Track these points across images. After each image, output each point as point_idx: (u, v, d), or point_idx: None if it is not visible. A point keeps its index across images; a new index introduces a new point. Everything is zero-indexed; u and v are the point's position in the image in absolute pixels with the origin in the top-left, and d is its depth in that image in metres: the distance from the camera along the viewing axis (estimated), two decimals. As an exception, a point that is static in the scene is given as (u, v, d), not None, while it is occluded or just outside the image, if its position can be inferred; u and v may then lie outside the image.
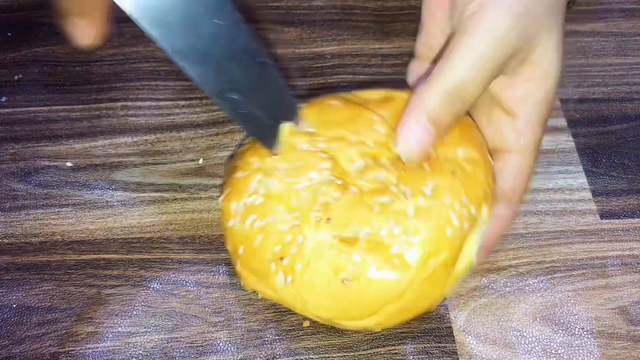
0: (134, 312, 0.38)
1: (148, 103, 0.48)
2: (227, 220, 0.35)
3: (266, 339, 0.37)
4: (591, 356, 0.37)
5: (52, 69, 0.50)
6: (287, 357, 0.36)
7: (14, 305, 0.38)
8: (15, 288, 0.39)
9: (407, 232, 0.32)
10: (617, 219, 0.42)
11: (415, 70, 0.40)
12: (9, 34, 0.52)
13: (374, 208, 0.33)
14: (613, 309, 0.38)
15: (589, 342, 0.37)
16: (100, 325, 0.37)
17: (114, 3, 0.27)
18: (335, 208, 0.33)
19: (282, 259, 0.33)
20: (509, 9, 0.32)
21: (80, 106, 0.48)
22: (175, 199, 0.43)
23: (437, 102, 0.32)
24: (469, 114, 0.37)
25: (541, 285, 0.39)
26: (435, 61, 0.38)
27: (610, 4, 0.54)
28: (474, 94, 0.32)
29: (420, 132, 0.32)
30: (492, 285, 0.39)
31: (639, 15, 0.53)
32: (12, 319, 0.38)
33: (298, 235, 0.33)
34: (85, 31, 0.29)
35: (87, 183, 0.44)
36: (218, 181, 0.44)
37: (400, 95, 0.36)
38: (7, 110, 0.48)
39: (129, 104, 0.48)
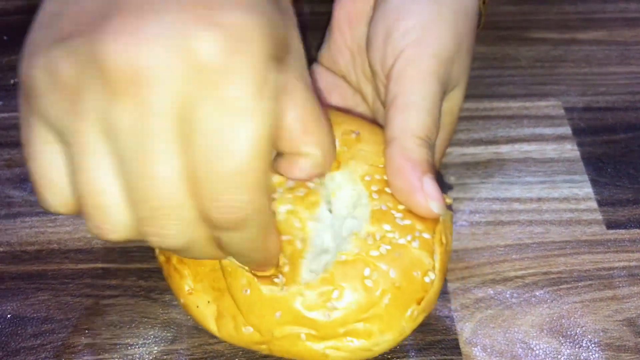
0: (133, 323, 0.37)
1: (147, 109, 0.47)
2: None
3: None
4: (599, 369, 0.36)
5: (49, 73, 0.49)
6: (290, 369, 0.36)
7: (9, 316, 0.37)
8: (10, 298, 0.38)
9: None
10: (623, 229, 0.42)
11: (314, 74, 0.43)
12: (5, 38, 0.51)
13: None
14: (621, 320, 0.38)
15: (596, 355, 0.36)
16: (97, 337, 0.37)
17: None
18: None
19: None
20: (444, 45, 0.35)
21: (78, 111, 0.47)
22: (175, 207, 0.42)
23: (418, 149, 0.33)
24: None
25: (547, 296, 0.39)
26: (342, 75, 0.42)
27: (613, 13, 0.54)
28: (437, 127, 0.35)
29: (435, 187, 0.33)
30: (498, 296, 0.39)
31: (642, 24, 0.53)
32: (7, 330, 0.37)
33: None
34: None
35: (85, 190, 0.43)
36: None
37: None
38: (2, 115, 0.47)
39: (128, 109, 0.47)
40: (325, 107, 0.42)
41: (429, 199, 0.32)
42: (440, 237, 0.34)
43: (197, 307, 0.33)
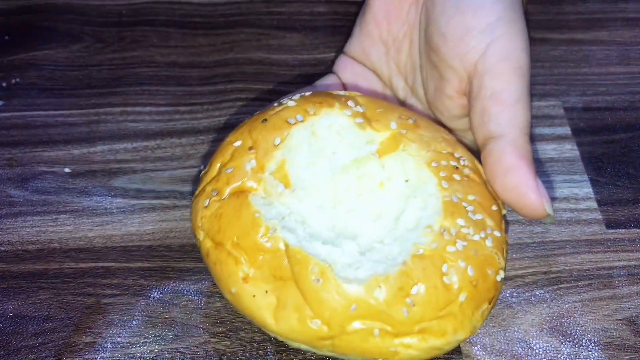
0: (134, 322, 0.37)
1: (148, 108, 0.47)
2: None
3: (269, 349, 0.36)
4: (599, 368, 0.36)
5: (50, 73, 0.49)
6: (291, 368, 0.36)
7: (10, 315, 0.37)
8: (12, 297, 0.38)
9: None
10: (623, 228, 0.42)
11: (343, 64, 0.43)
12: (6, 38, 0.51)
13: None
14: (620, 320, 0.38)
15: (596, 354, 0.37)
16: (99, 336, 0.37)
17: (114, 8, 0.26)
18: None
19: None
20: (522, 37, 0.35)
21: (79, 111, 0.47)
22: (175, 206, 0.42)
23: (528, 147, 0.33)
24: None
25: (547, 295, 0.39)
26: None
27: (613, 13, 0.54)
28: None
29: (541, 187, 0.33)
30: (498, 295, 0.39)
31: (642, 24, 0.53)
32: (8, 329, 0.37)
33: None
34: None
35: (86, 189, 0.43)
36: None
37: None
38: (4, 114, 0.47)
39: (129, 109, 0.47)
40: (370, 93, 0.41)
41: (544, 199, 0.32)
42: (505, 236, 0.34)
43: (254, 296, 0.31)
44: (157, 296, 0.38)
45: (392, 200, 0.34)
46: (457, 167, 0.34)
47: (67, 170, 0.44)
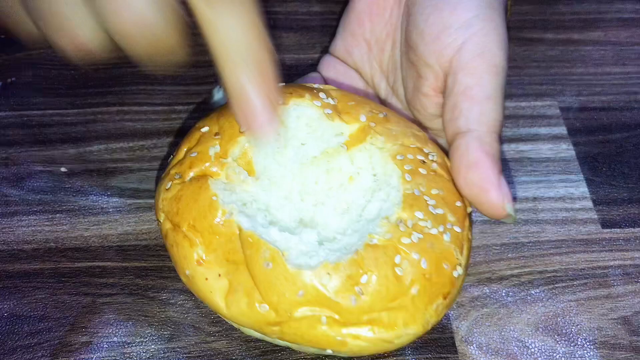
0: (130, 322, 0.37)
1: (145, 107, 0.47)
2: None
3: (265, 349, 0.36)
4: (594, 367, 0.36)
5: (46, 72, 0.49)
6: (287, 368, 0.36)
7: (6, 314, 0.37)
8: (7, 296, 0.38)
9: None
10: (618, 228, 0.42)
11: (326, 63, 0.44)
12: (2, 37, 0.51)
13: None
14: (615, 319, 0.38)
15: (591, 353, 0.37)
16: (94, 335, 0.37)
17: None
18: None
19: None
20: (500, 41, 0.35)
21: (75, 110, 0.47)
22: (172, 206, 0.42)
23: (496, 145, 0.33)
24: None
25: (543, 295, 0.39)
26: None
27: (609, 13, 0.54)
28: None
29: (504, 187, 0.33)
30: (494, 295, 0.39)
31: (637, 24, 0.54)
32: (3, 328, 0.37)
33: None
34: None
35: (82, 189, 0.43)
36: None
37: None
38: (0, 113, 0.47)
39: (125, 108, 0.47)
40: (348, 89, 0.41)
41: (505, 198, 0.32)
42: (468, 233, 0.33)
43: (206, 279, 0.31)
44: (153, 295, 0.38)
45: (361, 194, 0.34)
46: (424, 162, 0.34)
47: (63, 169, 0.44)
